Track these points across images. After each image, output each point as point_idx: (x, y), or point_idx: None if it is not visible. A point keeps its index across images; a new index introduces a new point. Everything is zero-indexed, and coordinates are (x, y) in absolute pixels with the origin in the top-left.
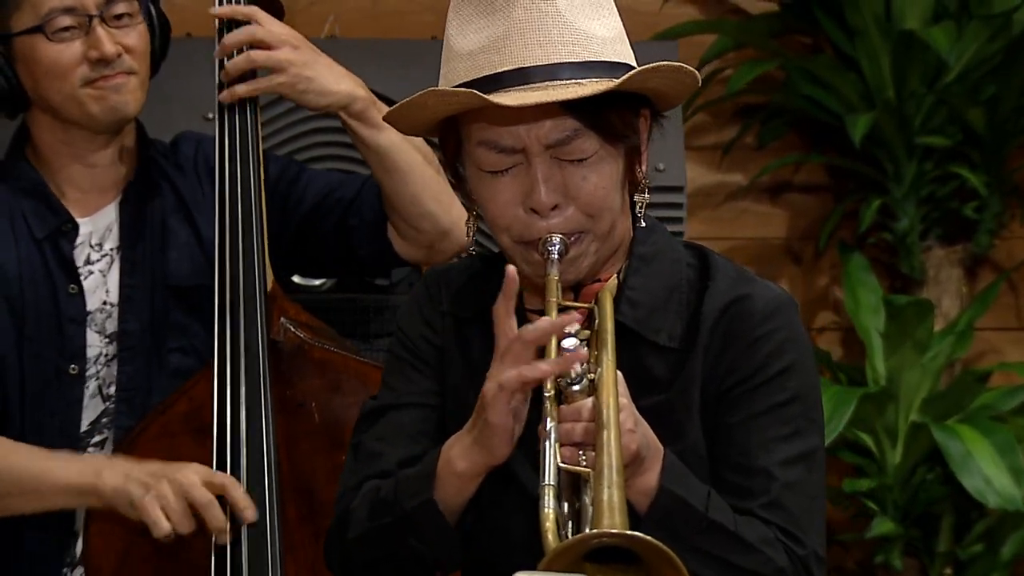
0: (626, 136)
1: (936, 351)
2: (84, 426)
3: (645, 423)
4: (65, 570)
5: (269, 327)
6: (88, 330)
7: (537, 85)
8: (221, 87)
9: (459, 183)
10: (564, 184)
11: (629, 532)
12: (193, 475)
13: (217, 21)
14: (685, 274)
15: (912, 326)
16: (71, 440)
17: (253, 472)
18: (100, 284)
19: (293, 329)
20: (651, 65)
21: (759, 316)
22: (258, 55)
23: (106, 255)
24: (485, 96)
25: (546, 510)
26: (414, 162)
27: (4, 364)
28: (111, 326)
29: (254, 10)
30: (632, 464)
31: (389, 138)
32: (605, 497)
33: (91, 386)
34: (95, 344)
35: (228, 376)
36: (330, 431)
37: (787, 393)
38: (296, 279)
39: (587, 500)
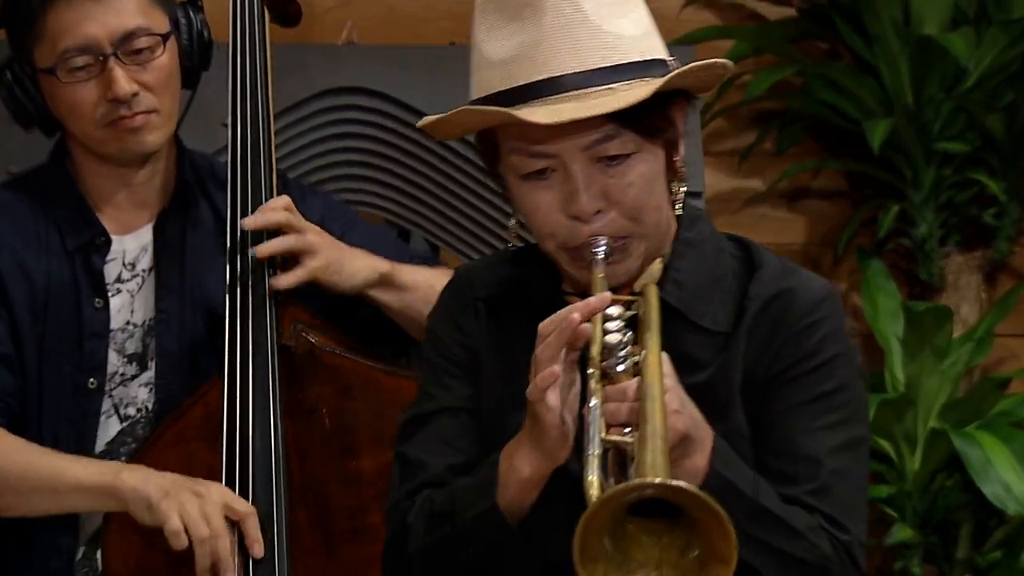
0: (663, 131)
1: (955, 357)
2: (101, 446)
3: (693, 405)
4: None
5: (280, 331)
6: (108, 347)
7: (571, 94)
8: (256, 270)
9: (500, 187)
10: (605, 189)
11: (672, 481)
12: (217, 496)
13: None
14: (730, 263)
15: (931, 332)
16: (88, 456)
17: (262, 476)
18: (126, 304)
19: (304, 334)
20: (682, 69)
21: (806, 306)
22: (292, 239)
23: (137, 276)
24: (517, 113)
25: (590, 477)
26: None
27: (25, 373)
28: (131, 347)
29: (283, 198)
30: (680, 445)
31: (416, 295)
32: (649, 459)
33: (107, 404)
34: (113, 362)
35: (238, 381)
36: (341, 437)
37: (834, 382)
38: None
39: (631, 471)
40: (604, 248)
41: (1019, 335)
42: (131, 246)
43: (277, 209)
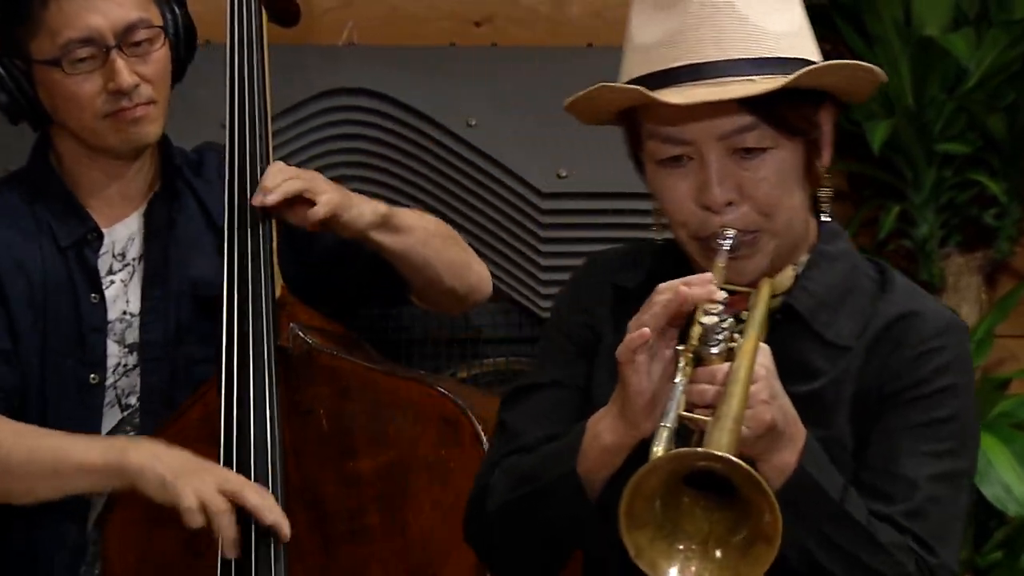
0: (803, 131)
1: None
2: (102, 434)
3: (787, 399)
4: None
5: (277, 333)
6: (108, 339)
7: (709, 81)
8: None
9: (641, 173)
10: (739, 182)
11: (719, 453)
12: (233, 478)
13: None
14: (863, 281)
15: None
16: None
17: (260, 477)
18: (121, 294)
19: (302, 335)
20: (818, 65)
21: (930, 332)
22: (301, 181)
23: (128, 265)
24: (652, 94)
25: (655, 448)
26: (434, 251)
27: (26, 370)
28: (131, 336)
29: (277, 164)
30: (767, 437)
31: (414, 237)
32: (715, 436)
33: (109, 396)
34: (114, 354)
35: (235, 383)
36: (338, 438)
37: (947, 410)
38: None
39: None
40: (731, 240)
41: (1019, 336)
42: (119, 236)
43: (278, 178)
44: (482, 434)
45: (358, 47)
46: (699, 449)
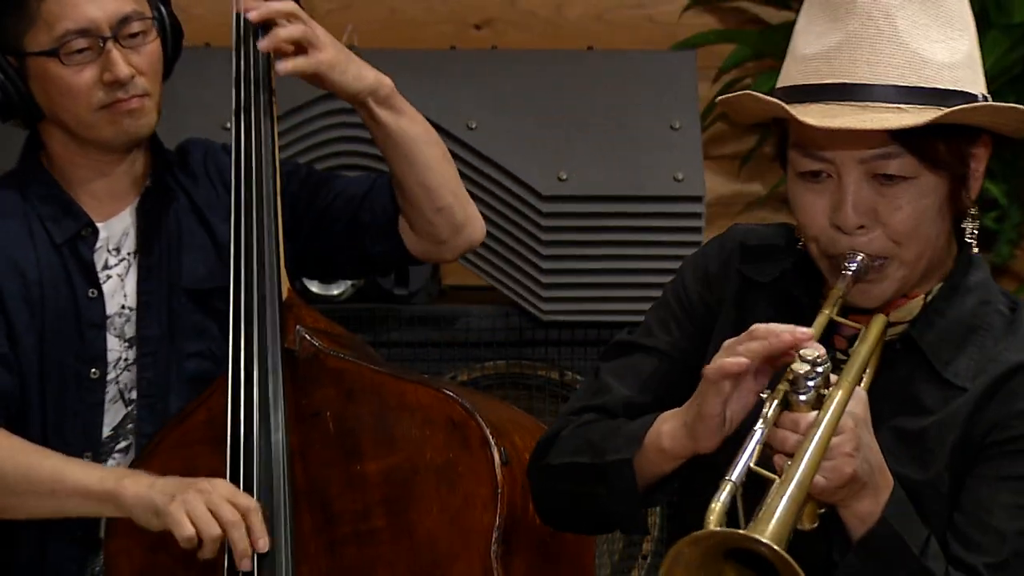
0: (949, 164)
1: None
2: (107, 431)
3: (875, 450)
4: None
5: (284, 336)
6: (108, 334)
7: (856, 104)
8: (253, 61)
9: (784, 171)
10: (875, 207)
11: (768, 542)
12: (222, 489)
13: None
14: (993, 318)
15: None
16: (94, 445)
17: (266, 482)
18: (118, 288)
19: (308, 338)
20: (973, 105)
21: None
22: (300, 28)
23: (123, 259)
24: (792, 110)
25: (715, 503)
26: (435, 155)
27: (25, 368)
28: (130, 330)
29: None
30: (848, 486)
31: (412, 126)
32: (771, 507)
33: (112, 390)
34: (115, 348)
35: (242, 386)
36: (345, 441)
37: None
38: (314, 289)
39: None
40: (858, 264)
41: None
42: (114, 230)
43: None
44: (490, 437)
45: (358, 50)
46: (741, 532)
